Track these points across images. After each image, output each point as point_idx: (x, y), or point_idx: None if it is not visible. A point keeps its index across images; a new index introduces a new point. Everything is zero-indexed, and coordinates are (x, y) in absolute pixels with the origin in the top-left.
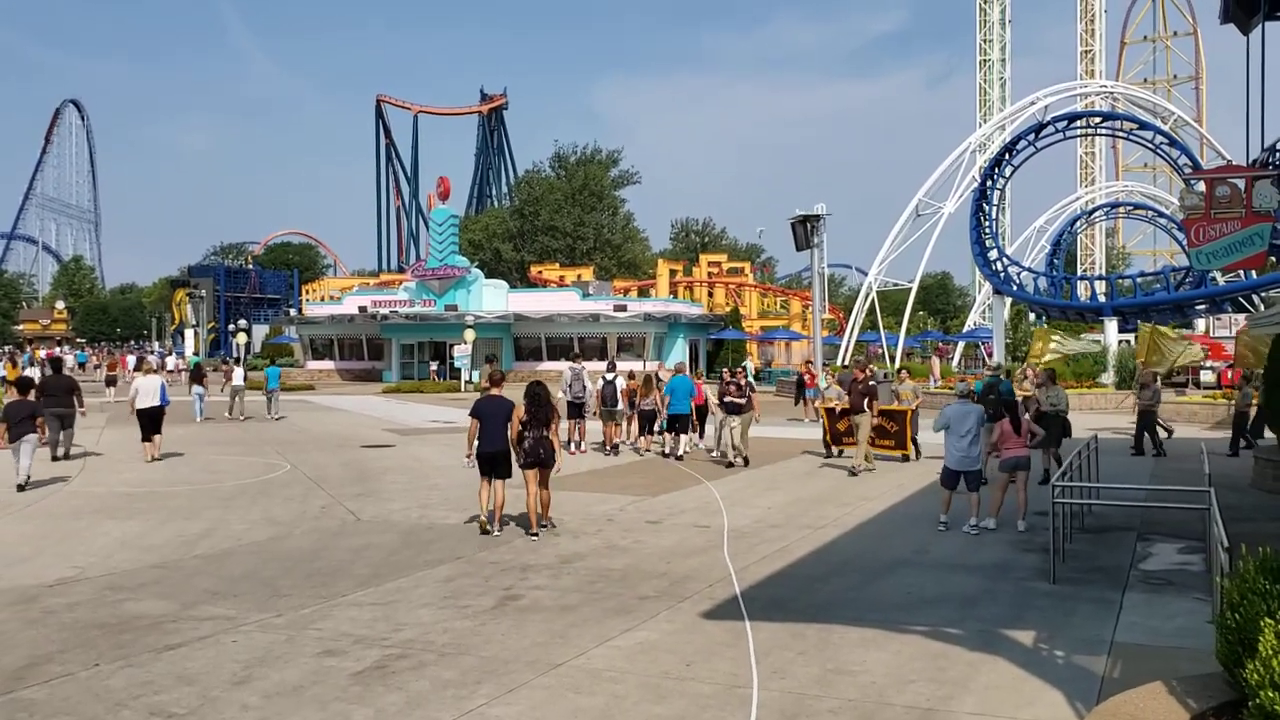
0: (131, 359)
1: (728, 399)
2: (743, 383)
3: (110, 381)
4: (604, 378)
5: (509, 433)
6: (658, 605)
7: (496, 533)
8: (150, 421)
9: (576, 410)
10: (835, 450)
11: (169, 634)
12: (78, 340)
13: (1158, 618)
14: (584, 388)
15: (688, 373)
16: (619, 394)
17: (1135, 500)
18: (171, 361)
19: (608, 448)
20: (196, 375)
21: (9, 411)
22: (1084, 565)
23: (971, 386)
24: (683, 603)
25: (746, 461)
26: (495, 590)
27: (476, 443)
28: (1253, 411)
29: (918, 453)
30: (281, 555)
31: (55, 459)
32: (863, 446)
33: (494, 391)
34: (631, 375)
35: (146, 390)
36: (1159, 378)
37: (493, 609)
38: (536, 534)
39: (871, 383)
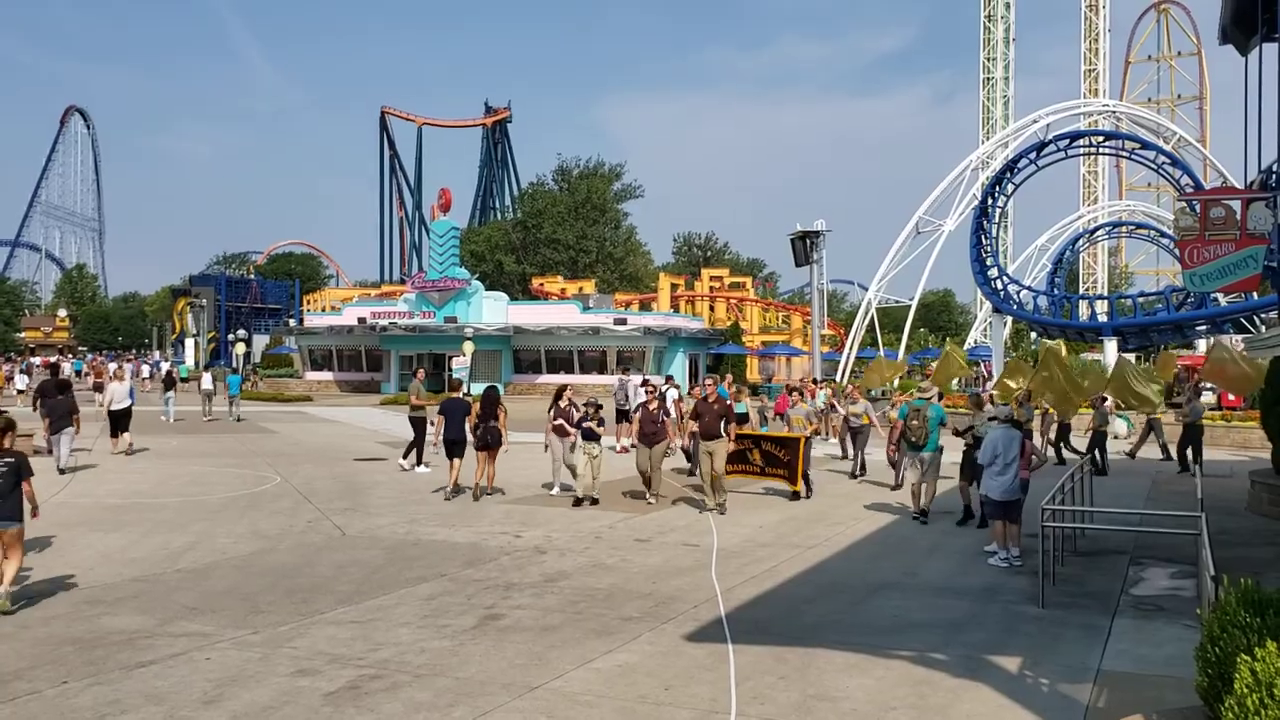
0: (112, 366)
1: (586, 424)
2: (654, 406)
3: (98, 388)
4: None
5: (466, 424)
6: (640, 626)
7: (448, 496)
8: (117, 419)
9: (623, 415)
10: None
11: (142, 650)
12: (79, 349)
13: (1146, 645)
14: (626, 396)
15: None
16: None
17: (1128, 524)
18: (147, 370)
19: None
20: (169, 382)
21: (52, 408)
22: (1074, 589)
23: (1013, 411)
24: (666, 624)
25: (653, 495)
26: (477, 609)
27: (443, 431)
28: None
29: (809, 489)
30: (264, 570)
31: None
32: (718, 479)
33: (454, 395)
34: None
35: (118, 394)
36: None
37: (473, 629)
38: (479, 498)
39: (728, 402)
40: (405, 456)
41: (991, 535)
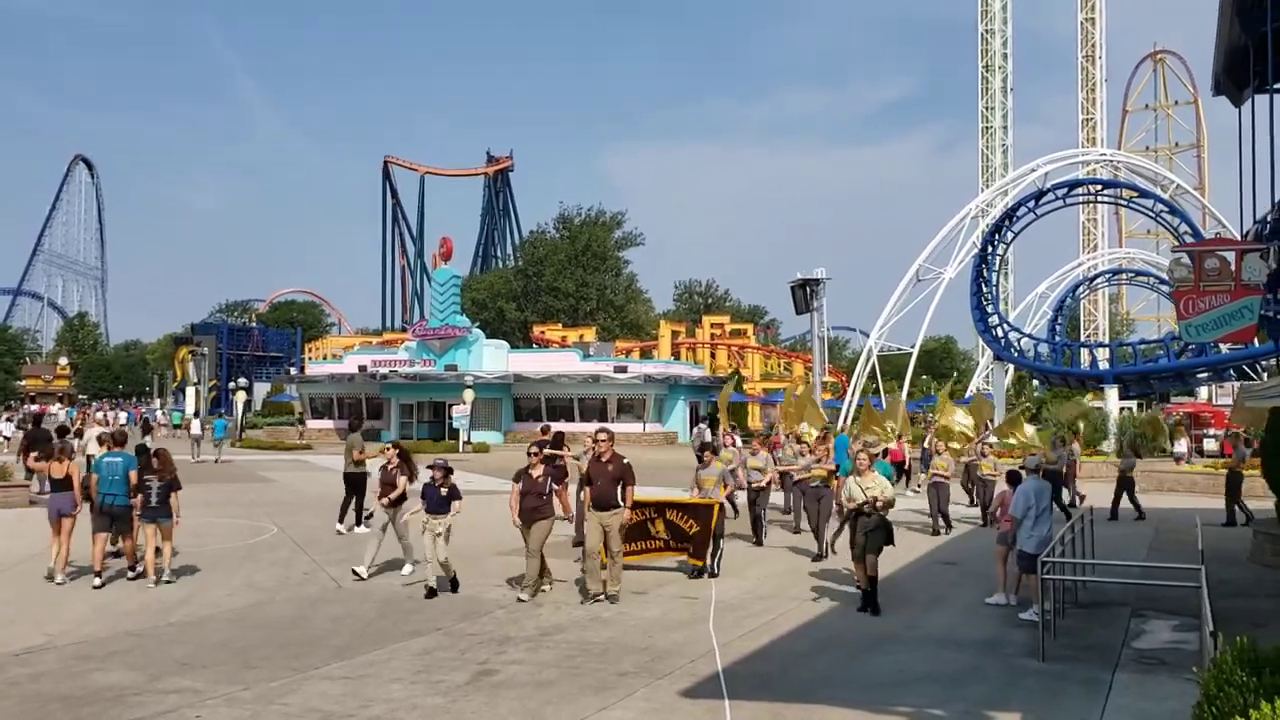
0: (99, 414)
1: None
2: (537, 473)
3: (79, 435)
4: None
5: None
6: (636, 682)
7: None
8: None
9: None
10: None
11: (132, 708)
12: (80, 397)
13: (1149, 699)
14: (703, 443)
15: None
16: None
17: (1129, 575)
18: (124, 416)
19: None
20: (145, 428)
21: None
22: (1075, 642)
23: (1044, 460)
24: (662, 680)
25: (539, 588)
26: (470, 664)
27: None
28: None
29: (716, 567)
30: (258, 624)
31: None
32: (613, 561)
33: (544, 436)
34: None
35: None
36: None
37: (466, 684)
38: None
39: (625, 461)
40: (342, 519)
41: (1026, 589)
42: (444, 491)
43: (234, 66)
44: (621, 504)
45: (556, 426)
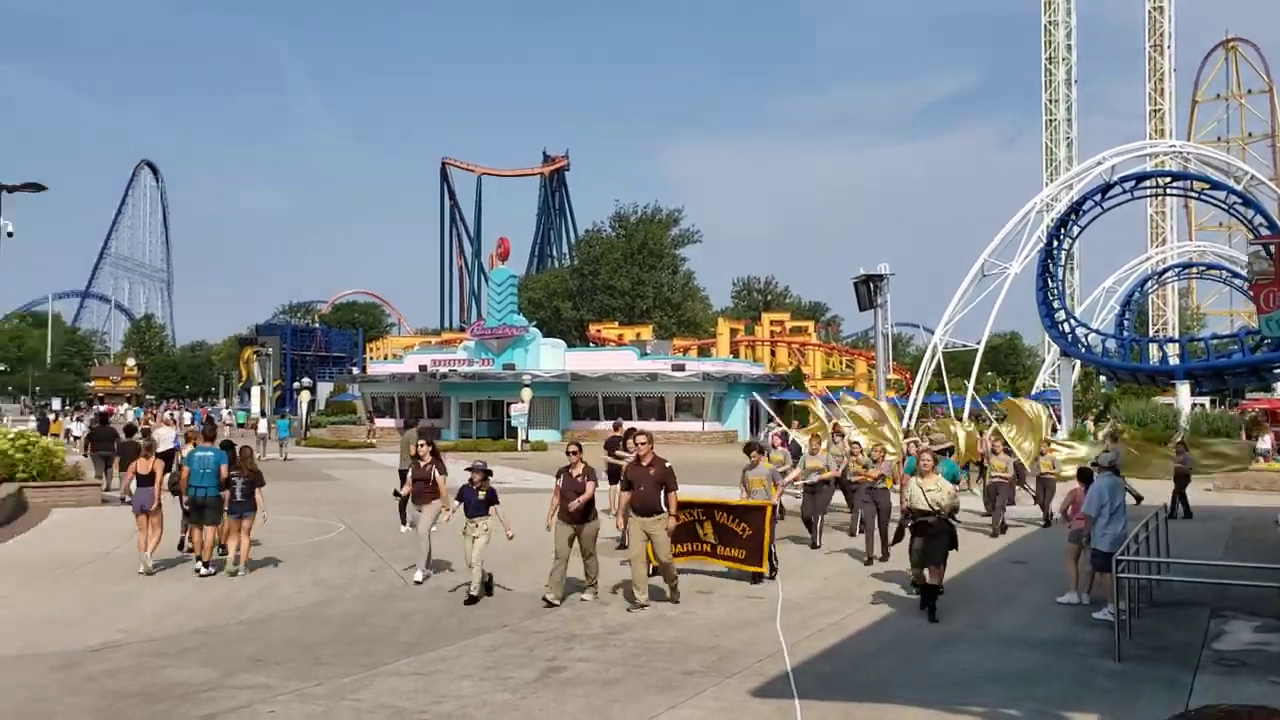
0: (168, 414)
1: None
2: (578, 471)
3: (145, 434)
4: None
5: None
6: (704, 681)
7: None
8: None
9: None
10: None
11: (205, 704)
12: (147, 398)
13: (1230, 701)
14: (749, 442)
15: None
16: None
17: (1208, 575)
18: (189, 417)
19: None
20: (209, 426)
21: (124, 450)
22: (1151, 643)
23: (1114, 457)
24: (730, 679)
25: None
26: (538, 661)
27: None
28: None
29: (774, 569)
30: (327, 620)
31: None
32: (666, 565)
33: (617, 433)
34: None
35: (164, 438)
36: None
37: (534, 681)
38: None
39: (667, 464)
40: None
41: (1100, 588)
42: (481, 495)
43: (294, 70)
44: (665, 509)
45: (625, 424)
